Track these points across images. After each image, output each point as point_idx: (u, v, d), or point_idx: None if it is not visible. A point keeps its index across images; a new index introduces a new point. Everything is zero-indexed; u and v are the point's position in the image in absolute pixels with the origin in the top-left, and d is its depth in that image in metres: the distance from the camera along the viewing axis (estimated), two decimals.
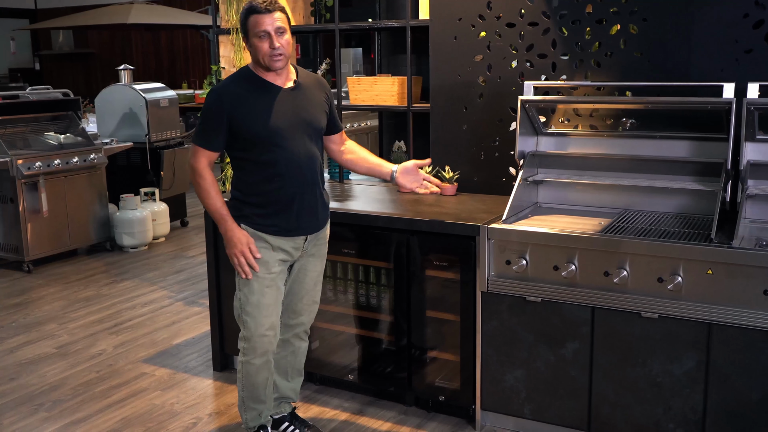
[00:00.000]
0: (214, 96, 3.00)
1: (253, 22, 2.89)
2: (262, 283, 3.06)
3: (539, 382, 3.23)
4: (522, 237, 3.16)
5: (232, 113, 2.95)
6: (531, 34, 3.67)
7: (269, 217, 3.04)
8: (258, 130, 2.96)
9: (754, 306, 2.77)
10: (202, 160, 3.00)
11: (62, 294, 5.65)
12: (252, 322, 3.09)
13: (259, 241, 3.05)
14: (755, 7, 3.19)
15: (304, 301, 3.25)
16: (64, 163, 6.34)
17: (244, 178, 3.05)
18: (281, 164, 2.99)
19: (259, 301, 3.07)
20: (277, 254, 3.08)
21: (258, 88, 2.99)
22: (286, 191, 3.02)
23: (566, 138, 3.57)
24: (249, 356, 3.13)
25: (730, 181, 3.14)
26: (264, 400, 3.21)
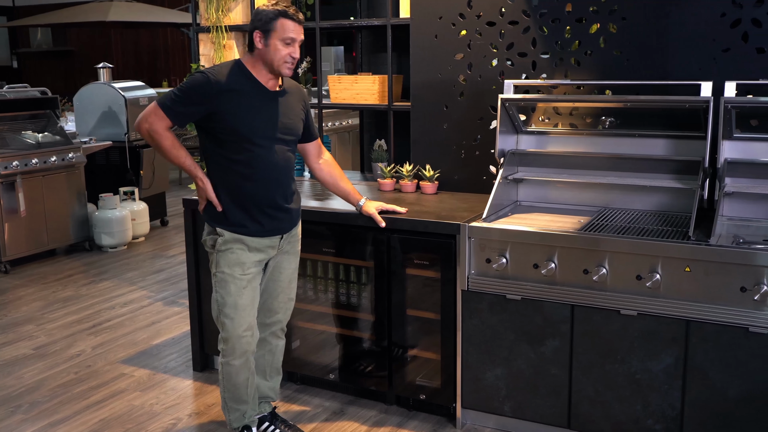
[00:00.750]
0: (204, 80, 2.95)
1: (285, 26, 2.91)
2: (239, 284, 3.06)
3: (520, 380, 3.24)
4: (502, 235, 3.17)
5: (217, 105, 2.94)
6: (511, 32, 3.67)
7: (246, 218, 3.04)
8: (240, 127, 2.96)
9: (731, 303, 2.79)
10: (162, 124, 2.96)
11: (40, 294, 5.59)
12: (230, 324, 3.08)
13: (236, 243, 3.04)
14: (732, 6, 3.21)
15: (279, 299, 3.26)
16: (42, 162, 6.27)
17: (222, 176, 3.04)
18: (258, 164, 3.00)
19: (236, 302, 3.06)
20: (253, 255, 3.08)
21: (248, 86, 2.99)
22: (261, 192, 3.03)
23: (546, 136, 3.58)
24: (228, 357, 3.12)
25: (707, 179, 3.16)
26: (246, 400, 3.20)
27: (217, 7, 4.35)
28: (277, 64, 2.95)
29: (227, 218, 3.05)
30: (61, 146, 6.50)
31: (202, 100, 2.94)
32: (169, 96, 2.98)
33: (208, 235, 3.14)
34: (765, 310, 2.74)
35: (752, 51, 3.20)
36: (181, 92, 2.96)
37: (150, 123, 2.96)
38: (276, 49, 2.93)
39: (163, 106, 2.96)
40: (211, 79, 2.94)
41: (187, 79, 3.00)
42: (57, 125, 6.72)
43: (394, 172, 4.02)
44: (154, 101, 3.00)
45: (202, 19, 4.46)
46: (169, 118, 2.96)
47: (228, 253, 3.05)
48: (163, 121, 2.96)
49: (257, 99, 3.00)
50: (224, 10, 4.36)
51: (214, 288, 3.12)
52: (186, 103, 2.96)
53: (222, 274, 3.07)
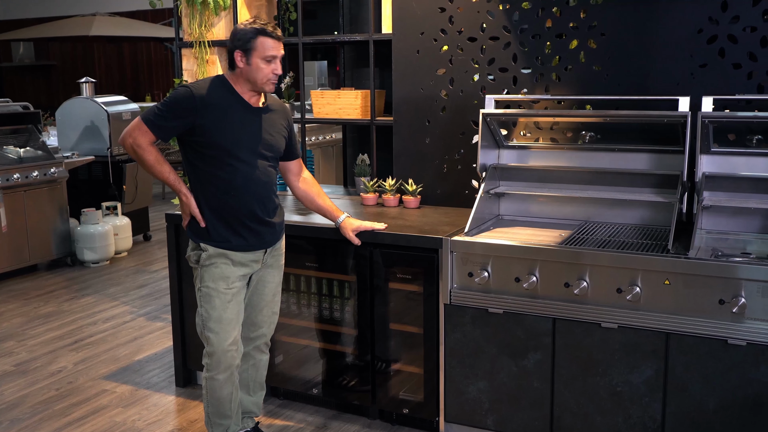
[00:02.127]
0: (187, 94, 2.96)
1: (265, 45, 2.94)
2: (224, 299, 3.06)
3: (502, 394, 3.25)
4: (484, 249, 3.19)
5: (201, 120, 2.95)
6: (492, 48, 3.71)
7: (229, 233, 3.05)
8: (222, 141, 2.97)
9: (710, 315, 2.82)
10: (146, 138, 2.97)
11: (21, 310, 5.55)
12: (215, 338, 3.08)
13: (221, 257, 3.05)
14: (709, 22, 3.27)
15: (264, 313, 3.26)
16: (24, 177, 6.24)
17: (204, 191, 3.04)
18: (240, 179, 3.01)
19: (221, 316, 3.06)
20: (237, 269, 3.08)
21: (232, 100, 3.01)
22: (243, 206, 3.05)
23: (527, 151, 3.61)
24: (213, 371, 3.12)
25: (686, 193, 3.20)
26: (230, 415, 3.19)
27: (200, 23, 4.37)
28: (260, 83, 2.98)
29: (210, 233, 3.06)
30: (43, 161, 6.47)
31: (185, 114, 2.94)
32: (152, 111, 2.98)
33: (192, 251, 3.14)
34: (743, 322, 2.77)
35: (729, 66, 3.25)
36: (164, 106, 2.97)
37: (134, 138, 2.97)
38: (258, 67, 2.96)
39: (146, 121, 2.96)
40: (194, 93, 2.95)
41: (171, 93, 3.02)
42: (39, 140, 6.69)
43: (377, 187, 4.04)
44: (138, 116, 3.00)
45: (185, 34, 4.47)
46: (153, 132, 2.97)
47: (212, 268, 3.06)
48: (147, 135, 2.97)
49: (240, 114, 3.02)
50: (207, 26, 4.37)
51: (198, 303, 3.12)
52: (169, 117, 2.96)
53: (207, 288, 3.07)
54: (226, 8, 4.33)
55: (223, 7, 4.30)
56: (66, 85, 13.31)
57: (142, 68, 13.02)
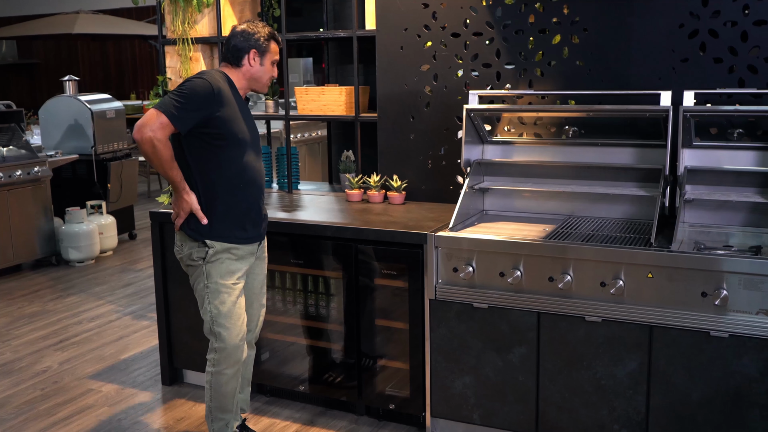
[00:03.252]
0: (207, 85, 2.94)
1: (275, 49, 3.13)
2: (233, 294, 3.09)
3: (488, 388, 3.26)
4: (469, 244, 3.20)
5: (218, 112, 2.96)
6: (476, 43, 3.72)
7: (236, 225, 3.07)
8: (239, 134, 3.03)
9: (692, 308, 2.84)
10: (166, 132, 2.88)
11: (6, 310, 5.51)
12: (226, 333, 3.09)
13: (226, 252, 3.07)
14: (690, 17, 3.29)
15: (254, 306, 3.31)
16: (7, 176, 6.20)
17: (211, 187, 3.03)
18: (249, 170, 3.08)
19: (231, 312, 3.09)
20: (240, 264, 3.12)
21: (236, 96, 3.09)
22: (251, 198, 3.10)
23: (511, 146, 3.62)
24: (221, 366, 3.13)
25: (668, 187, 3.22)
26: (231, 410, 3.22)
27: (183, 20, 4.35)
28: (264, 83, 3.14)
29: (216, 229, 3.05)
30: (26, 160, 6.42)
31: (206, 105, 2.94)
32: (170, 103, 2.89)
33: (193, 249, 3.08)
34: (725, 314, 2.79)
35: (710, 61, 3.27)
36: (184, 98, 2.90)
37: (154, 132, 2.86)
38: (267, 69, 3.12)
39: (167, 113, 2.87)
40: (212, 84, 2.96)
41: (186, 84, 2.96)
42: (22, 139, 6.65)
43: (362, 183, 4.04)
44: (153, 109, 2.90)
45: (169, 31, 4.45)
46: (174, 123, 2.88)
47: (218, 264, 3.06)
48: (167, 128, 2.88)
49: (241, 108, 3.09)
50: (190, 23, 4.35)
51: (205, 300, 3.09)
52: (190, 108, 2.90)
53: (215, 284, 3.07)
54: (209, 5, 4.31)
55: (206, 3, 4.28)
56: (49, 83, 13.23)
57: (127, 66, 12.95)
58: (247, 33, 3.07)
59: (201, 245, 3.08)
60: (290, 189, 4.38)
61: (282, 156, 4.43)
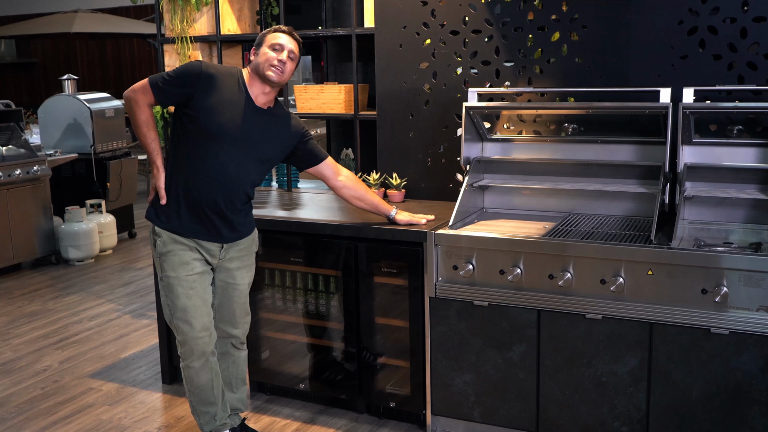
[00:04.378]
0: (197, 66, 3.02)
1: (274, 36, 3.06)
2: (186, 286, 3.05)
3: (488, 386, 3.26)
4: (468, 242, 3.19)
5: (197, 94, 2.98)
6: (475, 41, 3.71)
7: (186, 214, 3.04)
8: (207, 124, 2.98)
9: (693, 305, 2.84)
10: (146, 98, 3.02)
11: (5, 310, 5.51)
12: (184, 326, 3.08)
13: (175, 243, 3.05)
14: (689, 14, 3.28)
15: (237, 315, 3.26)
16: (6, 175, 6.19)
17: (178, 170, 3.04)
18: (213, 166, 3.01)
19: (186, 305, 3.06)
20: (194, 253, 3.07)
21: (236, 91, 3.05)
22: (209, 193, 3.02)
23: (511, 144, 3.62)
24: (188, 360, 3.12)
25: (668, 184, 3.22)
26: (214, 402, 3.19)
27: (182, 18, 4.35)
28: (262, 66, 3.02)
29: (168, 216, 3.05)
30: (25, 159, 6.42)
31: (187, 83, 2.98)
32: (161, 75, 3.05)
33: (150, 234, 3.14)
34: (725, 311, 2.79)
35: (709, 57, 3.27)
36: (173, 73, 3.03)
37: (135, 93, 3.03)
38: (264, 53, 3.04)
39: (152, 83, 3.02)
40: (203, 68, 3.01)
41: (182, 64, 3.09)
42: (21, 138, 6.64)
43: None
44: (148, 77, 3.06)
45: (167, 30, 4.45)
46: (153, 93, 3.02)
47: (170, 256, 3.04)
48: (148, 96, 3.02)
49: (239, 108, 3.03)
50: (189, 21, 4.35)
51: (162, 293, 3.11)
52: (173, 83, 3.01)
53: (167, 278, 3.06)
54: (208, 4, 4.31)
55: (204, 2, 4.28)
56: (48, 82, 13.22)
57: (125, 65, 12.94)
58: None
59: (153, 233, 3.10)
60: (290, 187, 4.38)
61: None
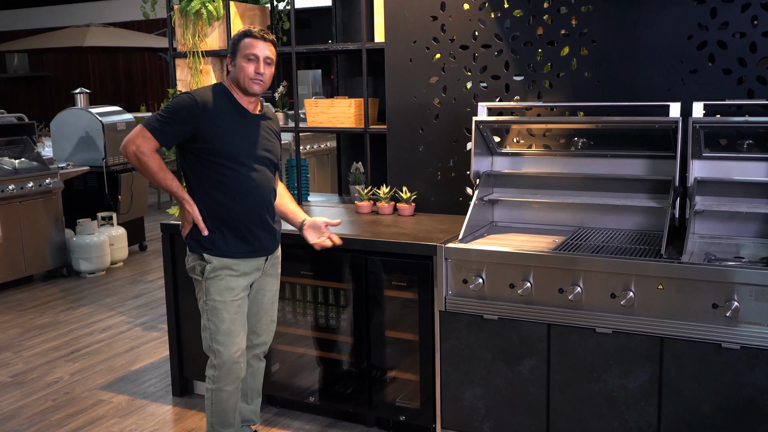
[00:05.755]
0: (190, 100, 2.99)
1: (246, 44, 3.01)
2: (231, 311, 3.08)
3: (498, 400, 3.26)
4: (478, 256, 3.20)
5: (203, 126, 2.97)
6: (484, 55, 3.73)
7: (232, 238, 3.06)
8: (225, 148, 3.00)
9: (703, 319, 2.83)
10: (149, 145, 2.97)
11: (17, 321, 5.54)
12: (224, 350, 3.09)
13: (225, 269, 3.06)
14: (698, 28, 3.29)
15: (263, 321, 3.29)
16: (19, 188, 6.24)
17: (207, 200, 3.05)
18: (243, 185, 3.04)
19: (230, 329, 3.09)
20: (242, 279, 3.10)
21: (231, 107, 3.05)
22: (248, 211, 3.06)
23: (520, 158, 3.63)
24: (221, 383, 3.13)
25: (678, 198, 3.22)
26: (233, 424, 3.23)
27: (194, 33, 4.38)
28: (243, 82, 3.02)
29: (214, 242, 3.06)
30: (38, 172, 6.47)
31: (188, 120, 2.97)
32: (154, 118, 3.00)
33: (195, 262, 3.12)
34: (737, 326, 2.79)
35: (719, 72, 3.28)
36: (167, 113, 2.98)
37: (137, 145, 2.96)
38: (241, 67, 3.01)
39: (150, 128, 2.97)
40: (196, 99, 2.99)
41: (172, 100, 3.04)
42: (34, 151, 6.70)
43: (372, 195, 4.05)
44: (140, 124, 3.01)
45: (179, 44, 4.49)
46: (157, 139, 2.97)
47: (217, 280, 3.06)
48: (151, 142, 2.97)
49: (240, 120, 3.06)
50: (200, 36, 4.39)
51: (204, 316, 3.11)
52: (172, 123, 2.97)
53: (213, 301, 3.07)
54: (220, 18, 4.35)
55: (216, 17, 4.32)
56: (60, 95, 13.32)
57: (137, 78, 13.03)
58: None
59: (200, 259, 3.09)
60: (300, 200, 4.40)
61: (292, 168, 4.46)
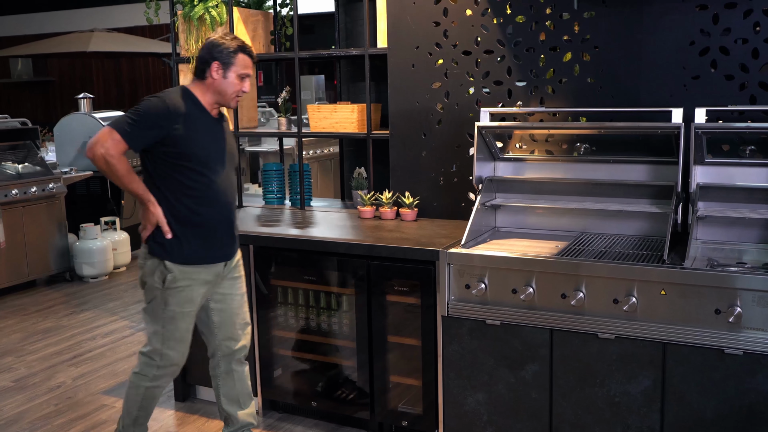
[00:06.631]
0: (162, 103, 2.95)
1: (243, 62, 3.03)
2: (188, 321, 3.12)
3: (500, 405, 3.25)
4: (481, 261, 3.20)
5: (176, 131, 2.95)
6: (487, 61, 3.74)
7: (196, 243, 3.06)
8: (198, 152, 3.00)
9: (706, 325, 2.83)
10: (118, 148, 2.91)
11: (20, 326, 5.55)
12: (175, 355, 3.14)
13: (185, 279, 3.06)
14: (701, 34, 3.30)
15: (237, 326, 3.30)
16: (22, 192, 6.26)
17: (174, 204, 3.03)
18: (211, 190, 3.05)
19: (183, 337, 3.14)
20: (201, 288, 3.11)
21: (197, 111, 3.04)
22: (217, 217, 3.08)
23: (523, 163, 3.64)
24: (160, 381, 3.19)
25: (681, 204, 3.22)
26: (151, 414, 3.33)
27: (197, 38, 4.40)
28: (229, 97, 3.04)
29: (176, 249, 3.04)
30: (41, 177, 6.49)
31: (161, 123, 2.94)
32: (124, 121, 2.94)
33: (156, 268, 3.06)
34: (739, 331, 2.78)
35: (721, 78, 3.28)
36: (138, 116, 2.94)
37: (107, 148, 2.90)
38: (232, 82, 3.02)
39: (119, 130, 2.91)
40: (168, 103, 2.96)
41: (142, 103, 2.98)
42: (37, 156, 6.72)
43: (374, 200, 4.06)
44: (106, 126, 2.95)
45: (182, 49, 4.50)
46: (126, 141, 2.92)
47: (178, 292, 3.05)
48: (120, 145, 2.91)
49: (208, 125, 3.06)
50: (203, 41, 4.39)
51: (159, 324, 3.10)
52: (144, 127, 2.93)
53: (172, 312, 3.07)
54: (223, 24, 4.36)
55: (219, 22, 4.34)
56: (64, 100, 13.34)
57: (140, 83, 13.06)
58: (211, 45, 3.03)
59: (161, 267, 3.05)
60: (302, 205, 4.41)
61: (294, 173, 4.46)
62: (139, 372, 3.18)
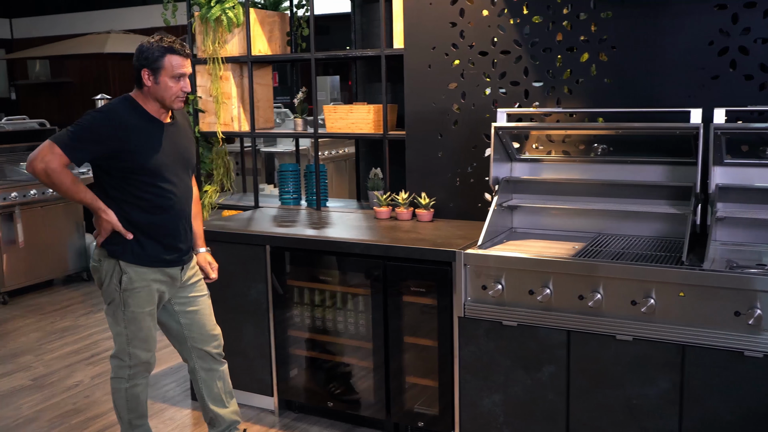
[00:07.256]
0: (103, 118, 2.93)
1: (173, 63, 2.94)
2: (148, 319, 3.12)
3: (517, 406, 3.24)
4: (497, 262, 3.19)
5: (123, 145, 2.92)
6: (503, 61, 3.73)
7: (149, 246, 3.06)
8: (146, 163, 2.97)
9: (725, 327, 2.81)
10: (60, 162, 2.87)
11: (38, 325, 5.59)
12: (142, 353, 3.16)
13: (141, 280, 3.06)
14: (720, 34, 3.27)
15: (208, 328, 3.32)
16: (41, 193, 6.31)
17: (125, 213, 3.02)
18: (163, 197, 3.03)
19: (148, 336, 3.15)
20: (159, 287, 3.12)
21: (145, 120, 3.00)
22: (170, 224, 3.08)
23: (540, 164, 3.62)
24: (135, 380, 3.20)
25: (699, 205, 3.20)
26: (146, 413, 3.31)
27: (214, 40, 4.42)
28: (169, 101, 2.99)
29: (132, 250, 3.04)
30: None
31: (106, 139, 2.91)
32: (65, 135, 2.89)
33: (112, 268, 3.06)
34: (759, 333, 2.76)
35: (740, 78, 3.26)
36: (82, 131, 2.90)
37: (47, 162, 2.86)
38: (167, 86, 2.96)
39: (61, 145, 2.87)
40: (111, 118, 2.93)
41: (83, 118, 2.93)
42: None
43: (390, 200, 4.06)
44: (47, 140, 2.91)
45: (199, 50, 4.52)
46: (68, 156, 2.88)
47: (135, 293, 3.06)
48: (62, 158, 2.87)
49: (157, 134, 3.02)
50: (221, 42, 4.42)
51: (121, 325, 3.10)
52: (87, 142, 2.90)
53: (132, 313, 3.08)
54: (239, 25, 4.38)
55: (236, 24, 4.35)
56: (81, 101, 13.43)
57: None
58: (138, 51, 2.98)
59: (117, 267, 3.05)
60: (318, 206, 4.41)
61: (310, 173, 4.47)
62: (115, 376, 3.21)
